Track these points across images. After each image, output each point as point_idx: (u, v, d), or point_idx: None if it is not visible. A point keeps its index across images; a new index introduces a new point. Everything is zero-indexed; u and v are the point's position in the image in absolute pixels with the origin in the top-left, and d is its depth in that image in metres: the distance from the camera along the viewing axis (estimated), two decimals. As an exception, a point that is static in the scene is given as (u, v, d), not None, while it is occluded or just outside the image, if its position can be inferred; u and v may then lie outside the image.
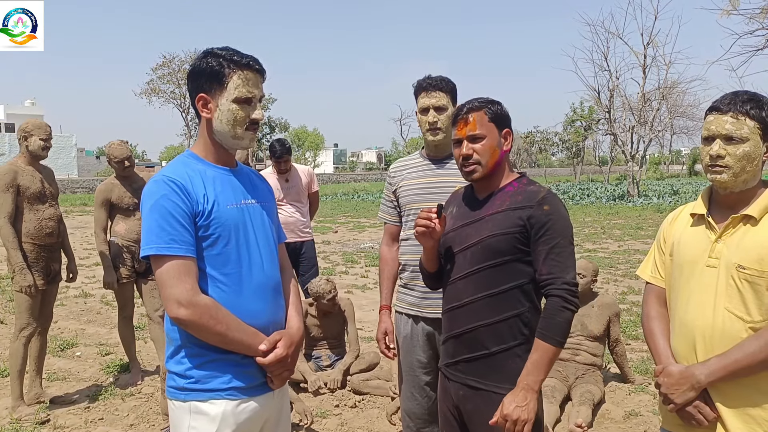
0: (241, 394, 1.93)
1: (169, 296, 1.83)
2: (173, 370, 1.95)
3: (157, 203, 1.85)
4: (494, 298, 2.10)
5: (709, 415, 1.91)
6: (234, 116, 1.94)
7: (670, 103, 35.05)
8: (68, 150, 58.07)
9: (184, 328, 1.87)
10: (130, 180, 5.00)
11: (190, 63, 2.04)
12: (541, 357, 2.01)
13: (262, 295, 2.00)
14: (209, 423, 1.90)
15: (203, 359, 1.91)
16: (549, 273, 2.04)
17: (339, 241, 15.23)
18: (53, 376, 5.30)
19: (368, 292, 9.03)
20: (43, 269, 4.39)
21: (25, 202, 4.31)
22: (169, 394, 1.97)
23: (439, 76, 2.93)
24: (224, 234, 1.92)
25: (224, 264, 1.92)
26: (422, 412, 2.95)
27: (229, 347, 1.90)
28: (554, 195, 2.14)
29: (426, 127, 2.90)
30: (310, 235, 5.98)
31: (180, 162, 1.99)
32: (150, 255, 1.84)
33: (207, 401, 1.90)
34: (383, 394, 4.69)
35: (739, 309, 1.89)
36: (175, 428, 1.97)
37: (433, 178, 2.93)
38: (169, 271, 1.83)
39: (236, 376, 1.93)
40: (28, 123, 4.43)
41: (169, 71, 48.73)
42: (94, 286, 9.46)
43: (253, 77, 1.97)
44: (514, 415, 1.96)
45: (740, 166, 1.90)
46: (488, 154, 2.15)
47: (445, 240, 2.25)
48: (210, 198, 1.91)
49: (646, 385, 4.82)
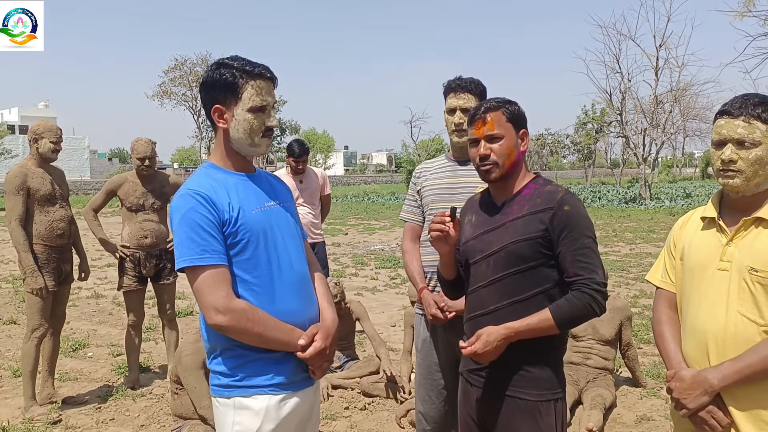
0: (283, 390, 1.99)
1: (207, 304, 1.89)
2: (216, 369, 2.01)
3: (185, 216, 1.91)
4: (520, 304, 2.08)
5: (723, 420, 1.89)
6: (250, 125, 1.99)
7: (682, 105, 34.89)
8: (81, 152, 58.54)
9: (224, 333, 1.92)
10: (147, 180, 4.99)
11: (203, 73, 2.10)
12: (539, 325, 2.01)
13: (294, 292, 2.05)
14: (253, 417, 1.95)
15: (245, 359, 1.96)
16: (577, 275, 2.02)
17: (349, 243, 15.24)
18: (65, 376, 5.33)
19: (378, 294, 9.02)
20: (54, 270, 4.41)
21: (36, 204, 4.32)
22: (213, 392, 2.03)
23: (470, 78, 2.92)
24: (253, 238, 1.97)
25: (255, 267, 1.98)
26: (438, 416, 2.94)
27: (269, 347, 1.95)
28: (572, 194, 2.12)
29: (452, 128, 2.90)
30: (322, 236, 6.01)
31: (202, 174, 2.05)
32: (184, 267, 1.90)
33: (251, 396, 1.96)
34: (393, 397, 4.68)
35: (752, 312, 1.87)
36: (220, 425, 2.02)
37: (456, 178, 2.92)
38: (205, 281, 1.88)
39: (278, 373, 1.98)
40: (39, 125, 4.45)
41: (180, 74, 49.04)
42: (106, 287, 9.52)
43: (266, 85, 2.02)
44: (484, 358, 2.04)
45: (753, 170, 1.88)
46: (506, 154, 2.13)
47: (465, 248, 2.23)
48: (235, 206, 1.96)
49: (658, 390, 4.79)
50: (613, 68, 31.71)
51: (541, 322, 2.01)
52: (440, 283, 2.41)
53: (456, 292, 2.36)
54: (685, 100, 34.70)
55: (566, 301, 2.02)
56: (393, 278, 10.18)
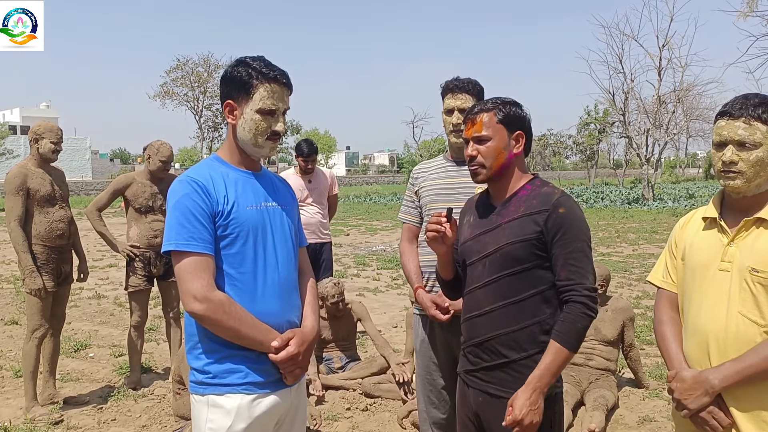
0: (257, 389, 1.99)
1: (186, 291, 1.90)
2: (193, 365, 2.02)
3: (179, 202, 1.94)
4: (515, 306, 2.08)
5: (724, 420, 1.88)
6: (256, 126, 2.01)
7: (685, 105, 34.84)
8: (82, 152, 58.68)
9: (199, 322, 1.95)
10: (158, 181, 4.98)
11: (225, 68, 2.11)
12: (556, 360, 1.99)
13: (276, 294, 2.05)
14: (225, 416, 1.95)
15: (219, 355, 1.97)
16: (568, 279, 2.02)
17: (351, 243, 15.24)
18: (67, 376, 5.34)
19: (380, 295, 9.02)
20: (53, 271, 4.41)
21: (36, 205, 4.32)
22: (191, 389, 2.04)
23: (467, 78, 2.92)
24: (242, 234, 1.99)
25: (241, 263, 1.99)
26: (439, 416, 2.94)
27: (242, 343, 1.95)
28: (569, 197, 2.11)
29: (450, 128, 2.90)
30: (329, 237, 5.99)
31: (205, 164, 2.08)
32: (170, 250, 1.93)
33: (223, 395, 1.96)
34: (394, 398, 4.68)
35: (753, 313, 1.86)
36: (195, 421, 2.04)
37: (454, 179, 2.91)
38: (187, 267, 1.91)
39: (252, 372, 1.98)
40: (40, 125, 4.44)
41: (182, 74, 49.06)
42: (108, 287, 9.51)
43: (279, 90, 2.03)
44: (527, 419, 1.96)
45: (754, 171, 1.88)
46: (492, 156, 2.12)
47: (463, 249, 2.23)
48: (230, 199, 1.98)
49: (661, 391, 4.78)
50: (616, 68, 31.71)
51: (556, 355, 1.99)
52: (439, 284, 2.41)
53: (455, 292, 2.36)
54: (688, 101, 34.63)
55: (563, 322, 2.01)
56: (395, 279, 10.18)
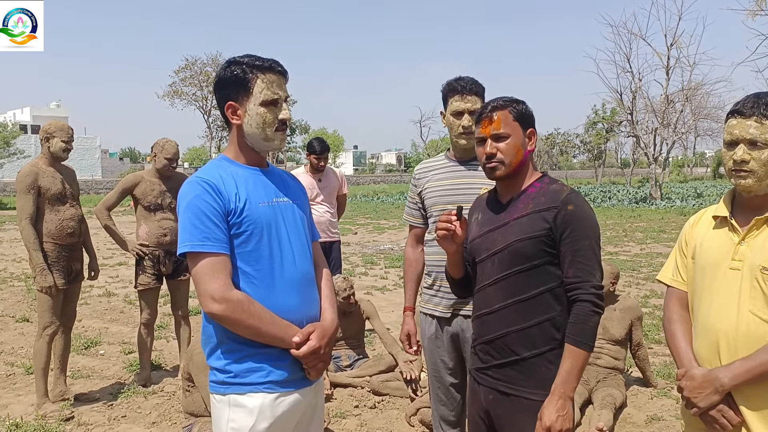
0: (279, 388, 1.98)
1: (204, 292, 1.88)
2: (214, 365, 2.01)
3: (191, 203, 1.92)
4: (525, 303, 2.08)
5: (733, 419, 1.88)
6: (263, 119, 2.00)
7: (693, 104, 34.62)
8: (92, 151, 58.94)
9: (219, 322, 1.93)
10: (166, 179, 5.00)
11: (216, 73, 2.10)
12: (575, 363, 1.99)
13: (294, 289, 2.04)
14: (247, 415, 1.94)
15: (240, 354, 1.96)
16: (575, 276, 2.02)
17: (359, 242, 15.25)
18: (77, 373, 5.37)
19: (388, 293, 9.03)
20: (64, 269, 4.44)
21: (46, 203, 4.35)
22: (211, 389, 2.02)
23: (471, 79, 2.88)
24: (256, 231, 1.97)
25: (257, 260, 1.97)
26: (450, 413, 2.95)
27: (262, 340, 1.94)
28: (578, 194, 2.11)
29: (459, 130, 2.84)
30: (338, 236, 6.03)
31: (213, 164, 2.06)
32: (185, 252, 1.91)
33: (245, 394, 1.95)
34: (403, 396, 4.69)
35: (764, 311, 1.86)
36: (216, 421, 2.02)
37: (459, 179, 2.89)
38: (203, 268, 1.89)
39: (274, 370, 1.97)
40: (51, 124, 4.48)
41: (191, 74, 49.30)
42: (118, 285, 9.58)
43: (277, 79, 2.02)
44: (558, 425, 1.95)
45: (765, 170, 1.87)
46: (512, 153, 2.13)
47: (472, 247, 2.23)
48: (242, 197, 1.97)
49: (669, 390, 4.77)
50: (623, 67, 31.64)
51: (574, 358, 1.99)
52: (448, 282, 2.42)
53: (464, 290, 2.36)
54: (697, 100, 34.41)
55: (574, 323, 2.01)
56: (402, 278, 10.14)
